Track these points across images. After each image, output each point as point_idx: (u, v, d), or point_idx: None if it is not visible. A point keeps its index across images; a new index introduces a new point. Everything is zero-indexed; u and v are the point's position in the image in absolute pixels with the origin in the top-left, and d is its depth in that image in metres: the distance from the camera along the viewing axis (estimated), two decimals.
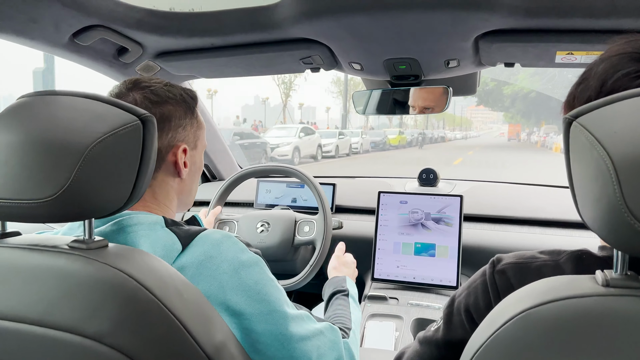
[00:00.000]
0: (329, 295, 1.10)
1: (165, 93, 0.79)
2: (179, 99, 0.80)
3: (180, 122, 0.80)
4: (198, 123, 0.85)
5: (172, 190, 0.81)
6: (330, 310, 1.05)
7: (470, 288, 0.67)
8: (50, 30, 1.06)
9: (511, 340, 0.45)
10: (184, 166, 0.81)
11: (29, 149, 0.55)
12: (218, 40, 1.21)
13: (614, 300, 0.42)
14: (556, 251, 0.62)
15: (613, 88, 0.56)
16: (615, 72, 0.56)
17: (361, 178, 2.13)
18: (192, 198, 0.88)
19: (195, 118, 0.84)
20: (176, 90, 0.81)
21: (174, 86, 0.82)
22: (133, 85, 0.78)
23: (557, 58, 1.11)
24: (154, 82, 0.79)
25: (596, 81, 0.58)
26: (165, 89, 0.80)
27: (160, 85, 0.79)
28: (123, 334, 0.54)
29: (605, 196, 0.40)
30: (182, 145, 0.80)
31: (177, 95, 0.80)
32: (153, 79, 0.81)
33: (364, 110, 1.47)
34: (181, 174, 0.81)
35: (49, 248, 0.59)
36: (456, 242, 1.51)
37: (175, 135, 0.79)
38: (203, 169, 0.91)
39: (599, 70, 0.58)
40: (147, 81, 0.79)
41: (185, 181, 0.83)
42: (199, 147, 0.86)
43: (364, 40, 1.14)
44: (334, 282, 1.15)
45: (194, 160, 0.84)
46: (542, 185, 1.88)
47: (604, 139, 0.41)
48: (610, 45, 0.60)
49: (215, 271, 0.68)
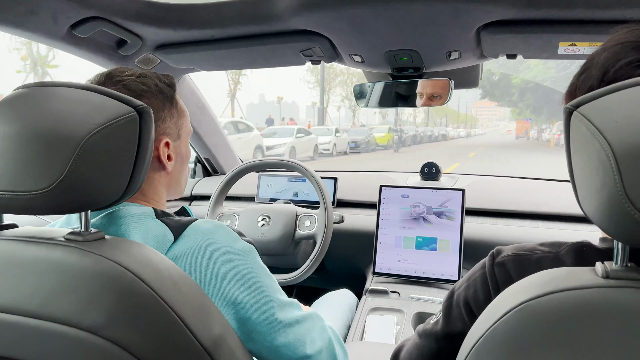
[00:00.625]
0: None
1: (138, 86, 0.76)
2: (155, 91, 0.77)
3: (158, 115, 0.77)
4: (179, 111, 0.82)
5: (160, 184, 0.80)
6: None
7: (469, 281, 0.67)
8: (49, 22, 1.05)
9: (510, 333, 0.44)
10: (169, 159, 0.79)
11: (25, 140, 0.55)
12: (218, 32, 1.21)
13: (614, 292, 0.41)
14: (556, 243, 0.62)
15: (615, 77, 0.55)
16: (617, 61, 0.56)
17: (363, 172, 2.12)
18: (182, 186, 0.87)
19: (174, 107, 0.81)
20: (151, 82, 0.78)
21: (149, 76, 0.78)
22: (105, 79, 0.75)
23: (560, 49, 1.10)
24: (126, 75, 0.76)
25: (598, 70, 0.57)
26: (139, 81, 0.76)
27: (133, 78, 0.76)
28: (119, 327, 0.54)
29: (606, 187, 0.40)
30: (164, 138, 0.78)
31: (152, 87, 0.77)
32: (125, 70, 0.78)
33: (367, 103, 1.46)
34: (166, 168, 0.79)
35: (46, 240, 0.59)
36: (458, 236, 1.51)
37: (155, 129, 0.76)
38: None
39: (600, 60, 0.58)
40: (119, 74, 0.76)
41: (172, 173, 0.81)
42: (183, 136, 0.84)
43: (364, 32, 1.13)
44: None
45: (179, 151, 0.82)
46: (543, 179, 1.87)
47: (605, 129, 0.41)
48: (612, 34, 0.59)
49: (209, 261, 0.68)
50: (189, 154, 0.87)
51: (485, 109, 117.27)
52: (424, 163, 1.83)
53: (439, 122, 63.60)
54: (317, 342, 0.78)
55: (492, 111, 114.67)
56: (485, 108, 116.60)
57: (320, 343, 0.78)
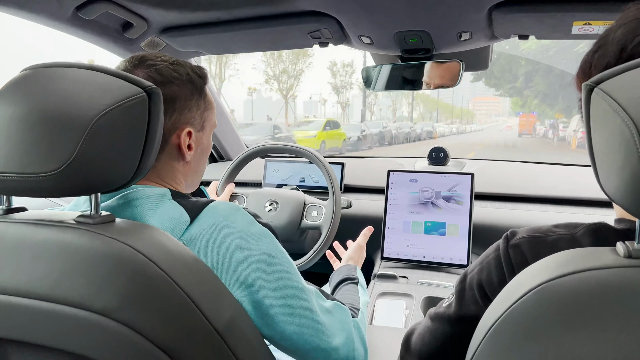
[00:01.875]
0: (337, 281, 1.10)
1: (170, 73, 0.75)
2: (185, 79, 0.77)
3: (185, 104, 0.77)
4: (206, 103, 0.81)
5: (178, 172, 0.79)
6: (338, 294, 1.05)
7: (483, 263, 0.66)
8: (54, 4, 1.04)
9: (528, 315, 0.43)
10: (189, 149, 0.78)
11: (33, 122, 0.54)
12: (224, 14, 1.19)
13: (637, 272, 0.40)
14: (572, 224, 0.61)
15: (633, 53, 0.54)
16: (636, 37, 0.54)
17: (370, 158, 2.11)
18: (198, 179, 0.86)
19: (202, 98, 0.80)
20: (183, 70, 0.77)
21: (181, 64, 0.78)
22: (139, 62, 0.75)
23: (574, 29, 1.08)
24: (160, 60, 0.76)
25: (615, 47, 0.56)
26: (172, 68, 0.76)
27: (167, 64, 0.76)
28: (131, 309, 0.54)
29: (629, 164, 0.39)
30: (187, 127, 0.77)
31: (184, 75, 0.77)
32: (160, 56, 0.77)
33: (374, 86, 1.44)
34: (185, 157, 0.78)
35: (56, 223, 0.59)
36: (467, 221, 1.50)
37: (180, 117, 0.76)
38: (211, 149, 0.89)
39: (617, 36, 0.56)
40: (153, 59, 0.76)
41: (190, 163, 0.80)
42: (207, 128, 0.83)
43: (374, 12, 1.11)
44: (345, 270, 1.15)
45: (200, 142, 0.82)
46: (553, 163, 1.85)
47: (628, 105, 0.39)
48: (626, 10, 0.58)
49: (225, 242, 0.67)
50: (210, 147, 0.86)
51: (483, 104, 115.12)
52: (432, 147, 1.81)
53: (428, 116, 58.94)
54: (335, 337, 0.76)
55: (491, 106, 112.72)
56: (483, 103, 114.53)
57: (339, 339, 0.76)
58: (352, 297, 0.98)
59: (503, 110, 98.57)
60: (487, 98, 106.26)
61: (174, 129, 0.76)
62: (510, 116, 70.52)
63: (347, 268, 1.15)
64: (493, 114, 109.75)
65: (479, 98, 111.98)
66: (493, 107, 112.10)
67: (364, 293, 1.04)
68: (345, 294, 1.02)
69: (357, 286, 1.06)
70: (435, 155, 1.79)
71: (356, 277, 1.10)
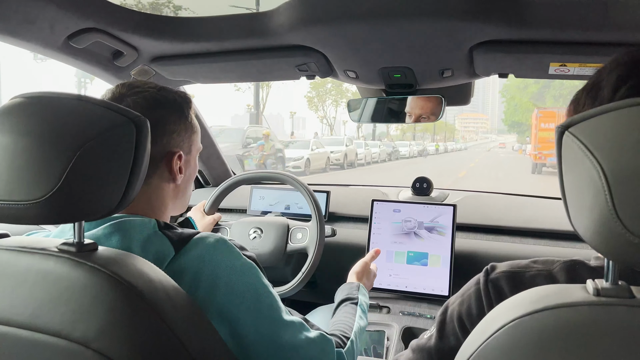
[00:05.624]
0: (339, 301, 1.08)
1: (158, 98, 0.78)
2: (173, 104, 0.80)
3: (174, 128, 0.80)
4: (192, 127, 0.84)
5: (167, 196, 0.81)
6: (335, 316, 1.02)
7: (463, 296, 0.67)
8: (46, 32, 1.05)
9: (502, 348, 0.45)
10: (180, 172, 0.80)
11: (20, 150, 0.55)
12: (214, 45, 1.21)
13: (604, 310, 0.42)
14: (549, 260, 0.63)
15: (626, 96, 0.55)
16: (629, 80, 0.56)
17: (355, 186, 2.13)
18: (187, 201, 0.88)
19: (189, 122, 0.83)
20: (170, 95, 0.80)
21: (168, 90, 0.81)
22: (127, 89, 0.77)
23: (551, 69, 1.12)
24: (147, 87, 0.79)
25: (608, 89, 0.57)
26: (159, 94, 0.79)
27: (154, 91, 0.79)
28: (110, 339, 0.54)
29: (597, 206, 0.41)
30: (177, 151, 0.80)
31: (171, 100, 0.80)
32: (147, 83, 0.80)
33: (359, 118, 1.47)
34: (176, 180, 0.80)
35: (38, 250, 0.59)
36: (449, 252, 1.51)
37: (170, 141, 0.79)
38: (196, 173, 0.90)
39: (610, 78, 0.58)
40: (141, 86, 0.79)
41: (180, 186, 0.83)
42: (194, 152, 0.86)
43: (359, 49, 1.14)
44: (347, 288, 1.12)
45: (188, 165, 0.84)
46: (535, 196, 1.89)
47: (596, 149, 0.42)
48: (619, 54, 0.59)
49: (209, 276, 0.67)
50: (196, 169, 0.88)
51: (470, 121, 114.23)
52: (415, 178, 1.84)
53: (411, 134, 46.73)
54: None
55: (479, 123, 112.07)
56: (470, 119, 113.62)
57: None
58: (346, 323, 0.96)
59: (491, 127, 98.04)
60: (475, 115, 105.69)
61: (165, 153, 0.78)
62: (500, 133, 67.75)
63: (349, 287, 1.12)
64: (480, 131, 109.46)
65: (466, 114, 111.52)
66: (481, 125, 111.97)
67: (362, 315, 1.01)
68: (341, 318, 0.99)
69: (357, 307, 1.03)
70: (419, 185, 1.82)
71: (356, 296, 1.07)
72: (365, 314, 1.04)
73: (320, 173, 16.04)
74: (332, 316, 1.05)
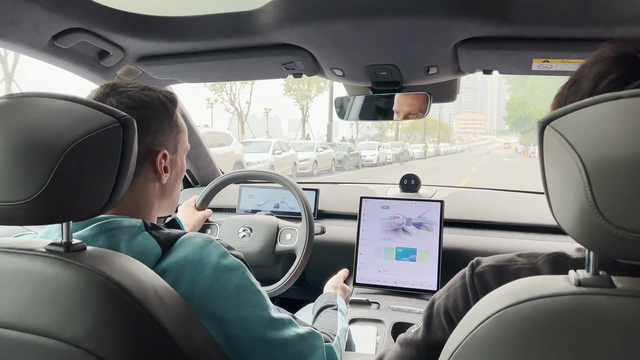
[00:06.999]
0: (318, 309, 1.11)
1: (142, 98, 0.78)
2: (157, 103, 0.80)
3: (158, 127, 0.79)
4: (178, 126, 0.84)
5: (153, 195, 0.81)
6: (317, 321, 1.05)
7: (449, 290, 0.68)
8: (30, 33, 1.04)
9: (487, 340, 0.45)
10: (165, 171, 0.80)
11: (6, 150, 0.55)
12: (200, 44, 1.21)
13: (585, 299, 0.43)
14: (533, 254, 0.64)
15: (606, 90, 0.55)
16: (610, 74, 0.56)
17: (344, 184, 2.14)
18: (174, 202, 0.88)
19: (174, 122, 0.83)
20: (154, 95, 0.80)
21: (152, 90, 0.81)
22: (110, 89, 0.77)
23: (534, 65, 1.14)
24: (131, 87, 0.78)
25: (590, 82, 0.58)
26: (143, 93, 0.78)
27: (137, 90, 0.78)
28: (100, 338, 0.54)
29: (578, 198, 0.42)
30: (162, 150, 0.79)
31: (155, 100, 0.79)
32: (131, 83, 0.80)
33: (347, 116, 1.48)
34: (161, 179, 0.80)
35: (26, 251, 0.59)
36: (437, 247, 1.53)
37: (154, 140, 0.79)
38: (185, 173, 0.90)
39: (592, 72, 0.58)
40: (125, 86, 0.78)
41: (166, 186, 0.82)
42: (180, 151, 0.86)
43: (345, 47, 1.15)
44: (326, 297, 1.17)
45: (175, 164, 0.84)
46: (520, 191, 1.92)
47: (576, 143, 0.43)
48: (602, 48, 0.60)
49: (197, 276, 0.68)
50: (184, 169, 0.88)
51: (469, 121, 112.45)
52: (403, 175, 1.85)
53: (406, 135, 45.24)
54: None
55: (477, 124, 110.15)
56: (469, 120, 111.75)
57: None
58: (330, 324, 0.99)
59: (490, 128, 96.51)
60: (474, 115, 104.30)
61: (150, 152, 0.78)
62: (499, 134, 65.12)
63: (328, 296, 1.17)
64: (479, 132, 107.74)
65: (464, 115, 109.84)
66: (479, 125, 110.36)
67: (343, 319, 1.05)
68: (325, 320, 1.02)
69: (337, 312, 1.07)
70: (406, 182, 1.83)
71: (336, 303, 1.11)
72: (345, 317, 1.08)
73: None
74: (313, 322, 1.06)
